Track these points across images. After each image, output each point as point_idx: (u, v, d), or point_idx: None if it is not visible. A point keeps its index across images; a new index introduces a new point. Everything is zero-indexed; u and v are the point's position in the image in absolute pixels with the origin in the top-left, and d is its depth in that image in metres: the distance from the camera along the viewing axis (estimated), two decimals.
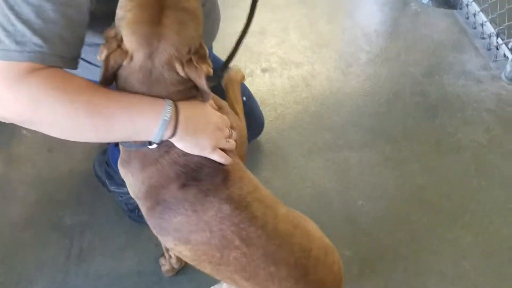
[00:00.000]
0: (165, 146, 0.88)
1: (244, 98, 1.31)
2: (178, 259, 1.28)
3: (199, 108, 0.89)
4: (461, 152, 1.63)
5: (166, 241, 0.94)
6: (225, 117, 0.96)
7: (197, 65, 0.81)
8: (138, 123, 0.82)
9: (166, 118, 0.82)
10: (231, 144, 0.93)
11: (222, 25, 1.28)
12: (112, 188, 1.43)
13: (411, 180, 1.55)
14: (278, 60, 1.99)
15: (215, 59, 1.43)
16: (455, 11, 2.26)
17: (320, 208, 1.47)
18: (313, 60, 1.99)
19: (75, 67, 0.83)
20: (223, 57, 1.16)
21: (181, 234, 0.89)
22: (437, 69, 1.95)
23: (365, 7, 2.30)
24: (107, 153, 1.43)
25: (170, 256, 1.28)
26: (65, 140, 1.25)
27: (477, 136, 1.68)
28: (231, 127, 0.97)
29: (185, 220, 0.87)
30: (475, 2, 2.16)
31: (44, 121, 0.78)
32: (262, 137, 1.64)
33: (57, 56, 0.78)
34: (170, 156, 0.88)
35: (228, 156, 0.91)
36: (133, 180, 0.92)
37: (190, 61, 0.81)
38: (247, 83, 1.86)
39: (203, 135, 0.87)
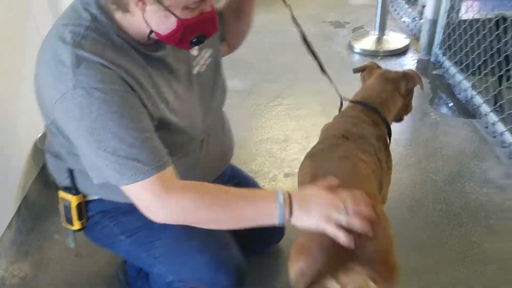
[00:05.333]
0: None
1: None
2: None
3: (308, 190, 1.03)
4: (488, 263, 1.58)
5: None
6: (339, 202, 0.98)
7: None
8: (261, 208, 0.98)
9: (281, 202, 0.96)
10: (341, 218, 0.95)
11: (247, 134, 1.38)
12: None
13: None
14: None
15: (246, 180, 1.53)
16: (474, 120, 2.33)
17: None
18: None
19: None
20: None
21: None
22: (459, 177, 1.96)
23: None
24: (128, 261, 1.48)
25: None
26: (92, 245, 1.33)
27: (503, 246, 1.64)
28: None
29: None
30: (492, 112, 2.23)
31: (193, 222, 1.00)
32: (282, 243, 1.65)
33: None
34: None
35: (341, 233, 0.94)
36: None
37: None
38: (269, 187, 1.93)
39: (314, 211, 0.97)
